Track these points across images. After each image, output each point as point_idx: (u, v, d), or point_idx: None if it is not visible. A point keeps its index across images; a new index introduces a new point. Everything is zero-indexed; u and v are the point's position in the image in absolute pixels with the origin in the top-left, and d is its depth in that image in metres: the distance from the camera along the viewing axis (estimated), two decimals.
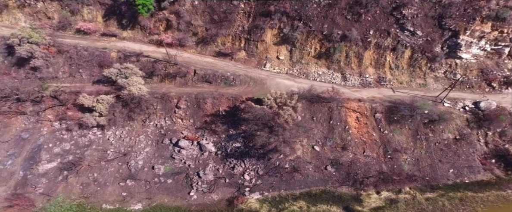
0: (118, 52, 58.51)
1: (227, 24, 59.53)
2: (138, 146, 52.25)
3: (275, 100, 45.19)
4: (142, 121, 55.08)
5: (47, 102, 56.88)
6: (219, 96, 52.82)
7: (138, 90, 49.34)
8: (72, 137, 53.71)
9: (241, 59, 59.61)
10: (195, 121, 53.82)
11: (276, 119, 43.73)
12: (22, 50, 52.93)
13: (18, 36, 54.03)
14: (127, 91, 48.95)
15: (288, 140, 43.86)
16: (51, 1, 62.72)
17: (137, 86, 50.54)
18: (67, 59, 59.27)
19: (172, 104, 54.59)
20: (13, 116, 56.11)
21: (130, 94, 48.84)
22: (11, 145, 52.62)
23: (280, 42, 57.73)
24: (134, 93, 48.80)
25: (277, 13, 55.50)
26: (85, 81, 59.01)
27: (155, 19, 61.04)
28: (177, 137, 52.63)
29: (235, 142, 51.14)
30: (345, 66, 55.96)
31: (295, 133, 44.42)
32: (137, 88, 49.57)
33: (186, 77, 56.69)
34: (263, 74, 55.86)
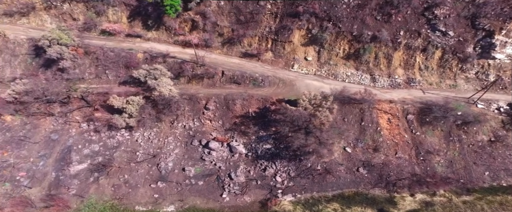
0: (145, 53, 58.45)
1: (254, 25, 59.29)
2: (167, 148, 52.13)
3: (309, 102, 44.88)
4: (170, 123, 54.98)
5: (74, 103, 56.90)
6: (248, 97, 52.57)
7: (168, 91, 49.21)
8: (101, 139, 53.71)
9: (268, 60, 59.32)
10: (224, 122, 53.64)
11: (312, 120, 43.52)
12: (52, 51, 52.95)
13: (48, 37, 54.10)
14: (157, 92, 48.83)
15: (325, 142, 43.60)
16: (77, 3, 62.79)
17: (167, 87, 50.42)
18: (93, 60, 59.27)
19: (200, 105, 54.45)
20: (42, 117, 56.18)
21: (160, 95, 48.71)
22: (41, 146, 52.73)
23: (308, 43, 57.42)
24: (165, 95, 48.66)
25: (306, 14, 55.15)
26: (111, 82, 59.02)
27: (181, 20, 60.93)
28: (207, 138, 52.49)
29: (266, 144, 50.85)
30: (374, 67, 55.54)
31: (331, 135, 44.10)
32: (167, 89, 49.44)
33: (214, 78, 56.51)
34: (292, 75, 55.58)
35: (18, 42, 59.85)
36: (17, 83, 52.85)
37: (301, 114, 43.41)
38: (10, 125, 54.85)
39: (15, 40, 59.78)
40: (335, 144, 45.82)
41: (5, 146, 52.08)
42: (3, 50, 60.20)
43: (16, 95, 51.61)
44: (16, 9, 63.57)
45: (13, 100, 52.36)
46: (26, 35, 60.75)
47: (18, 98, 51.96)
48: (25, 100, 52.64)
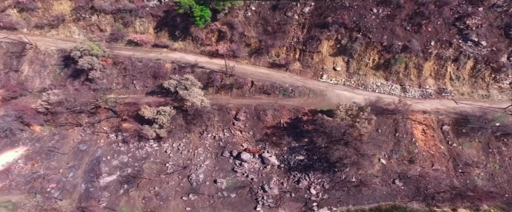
0: (173, 63, 58.64)
1: (281, 35, 59.53)
2: (197, 159, 51.34)
3: (346, 112, 44.38)
4: (199, 133, 54.38)
5: (102, 113, 56.77)
6: (280, 107, 52.09)
7: (200, 102, 48.96)
8: (129, 150, 53.11)
9: (296, 70, 59.16)
10: (255, 133, 52.95)
11: (351, 131, 42.82)
12: (83, 62, 53.33)
13: (80, 48, 54.69)
14: (190, 103, 48.52)
15: (366, 154, 42.74)
16: (105, 14, 63.72)
17: (198, 98, 50.19)
18: (121, 70, 59.53)
19: (230, 115, 54.00)
20: (70, 127, 55.99)
21: (193, 106, 48.45)
22: (70, 157, 52.18)
23: (336, 53, 57.33)
24: (197, 105, 48.39)
25: (335, 25, 55.32)
26: (139, 92, 58.95)
27: (207, 30, 61.39)
28: (237, 149, 51.74)
29: (298, 155, 49.99)
30: (404, 77, 55.07)
31: (371, 146, 43.29)
32: (199, 100, 49.14)
33: (243, 88, 56.29)
34: (321, 85, 55.23)
35: (49, 53, 60.57)
36: (48, 93, 53.14)
37: (339, 125, 42.84)
38: (39, 135, 54.65)
39: (45, 51, 60.59)
40: (376, 156, 44.93)
41: (35, 157, 51.73)
42: (34, 61, 60.86)
43: (48, 106, 51.82)
44: (47, 21, 64.83)
45: (45, 110, 52.69)
46: (56, 46, 61.55)
47: (50, 108, 52.16)
48: (57, 111, 52.74)
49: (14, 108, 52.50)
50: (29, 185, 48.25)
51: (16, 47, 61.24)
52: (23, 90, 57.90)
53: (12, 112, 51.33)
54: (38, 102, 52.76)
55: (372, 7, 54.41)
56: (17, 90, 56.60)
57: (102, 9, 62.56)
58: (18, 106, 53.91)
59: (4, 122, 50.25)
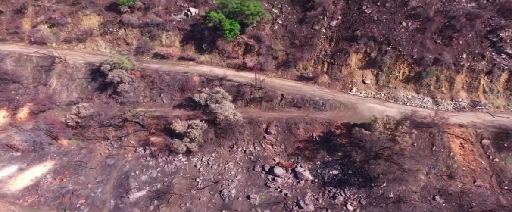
0: (200, 76, 58.69)
1: (309, 48, 59.70)
2: (229, 174, 50.13)
3: (384, 126, 43.52)
4: (229, 147, 53.39)
5: (129, 127, 56.17)
6: (312, 121, 51.29)
7: (233, 115, 48.46)
8: (158, 164, 52.11)
9: (325, 83, 58.78)
10: (286, 147, 51.92)
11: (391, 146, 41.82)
12: (113, 75, 53.55)
13: (110, 62, 55.12)
14: (222, 116, 48.02)
15: (409, 169, 41.47)
16: (132, 28, 64.68)
17: (230, 111, 49.73)
18: (148, 83, 59.53)
19: (260, 129, 53.14)
20: (97, 141, 55.43)
21: (226, 119, 47.94)
22: (98, 172, 51.25)
23: (365, 66, 57.06)
24: (230, 119, 47.88)
25: (364, 38, 55.46)
26: (166, 105, 58.66)
27: (234, 43, 61.78)
28: (269, 164, 50.52)
29: (332, 169, 48.66)
30: (435, 90, 54.36)
31: (413, 162, 41.98)
32: (232, 113, 48.69)
33: (273, 102, 55.74)
34: (352, 99, 54.63)
35: (77, 67, 61.02)
36: (78, 106, 53.00)
37: (378, 139, 41.85)
38: (67, 149, 53.97)
39: (74, 64, 61.11)
40: (422, 171, 43.62)
41: (63, 171, 50.79)
42: (62, 75, 61.28)
43: (79, 119, 51.56)
44: (75, 36, 65.90)
45: (75, 124, 52.39)
46: (84, 59, 62.18)
47: (80, 122, 51.87)
48: (87, 124, 52.49)
49: (44, 121, 52.49)
50: (58, 201, 47.03)
51: (46, 61, 61.96)
52: (51, 104, 57.96)
53: (43, 125, 51.26)
54: (68, 116, 52.69)
55: (401, 21, 54.68)
56: (46, 104, 56.66)
57: (130, 23, 63.61)
58: (48, 119, 53.88)
59: (35, 136, 50.00)
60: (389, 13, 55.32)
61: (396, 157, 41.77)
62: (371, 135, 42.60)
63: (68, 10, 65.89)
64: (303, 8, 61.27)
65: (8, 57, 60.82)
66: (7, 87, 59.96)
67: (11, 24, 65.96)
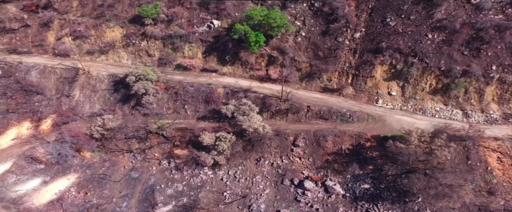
0: (225, 88, 58.52)
1: (333, 60, 59.51)
2: (257, 188, 48.91)
3: (419, 139, 42.58)
4: (256, 160, 52.37)
5: (153, 139, 55.59)
6: (340, 133, 50.44)
7: (262, 128, 47.79)
8: (184, 177, 51.09)
9: (350, 95, 58.23)
10: (315, 160, 50.86)
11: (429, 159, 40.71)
12: (139, 87, 53.43)
13: (135, 73, 55.17)
14: (252, 129, 47.34)
15: (452, 185, 40.16)
16: (154, 40, 65.21)
17: (258, 123, 49.09)
18: (171, 95, 59.31)
19: (288, 142, 52.25)
20: (120, 154, 54.78)
21: (256, 132, 47.24)
22: (123, 185, 50.24)
23: (391, 78, 56.55)
24: (259, 131, 47.18)
25: (389, 50, 55.31)
26: (190, 117, 58.19)
27: (257, 55, 61.77)
28: (298, 177, 49.35)
29: (363, 183, 47.35)
30: (464, 102, 53.60)
31: (452, 176, 40.71)
32: (261, 126, 48.04)
33: (299, 114, 55.11)
34: (378, 110, 53.90)
35: (100, 78, 61.11)
36: (103, 118, 52.65)
37: (415, 152, 40.77)
38: (90, 162, 53.23)
39: (97, 76, 61.22)
40: (464, 186, 42.28)
41: (87, 185, 49.87)
42: (85, 86, 61.31)
43: (104, 131, 51.11)
44: (98, 47, 66.44)
45: (100, 136, 51.89)
46: (106, 71, 62.44)
47: (106, 134, 51.38)
48: (114, 136, 52.03)
49: (69, 133, 52.03)
50: None
51: (69, 73, 62.19)
52: (75, 115, 57.82)
53: (68, 137, 50.78)
54: (93, 128, 52.36)
55: (426, 33, 54.59)
56: (70, 115, 56.44)
57: (153, 35, 64.07)
58: (72, 131, 53.42)
59: (61, 148, 49.47)
60: (414, 25, 55.45)
61: (437, 171, 40.52)
62: (406, 148, 41.65)
63: (92, 23, 66.79)
64: (325, 20, 61.71)
65: (34, 69, 61.19)
66: (31, 99, 60.03)
67: (37, 37, 66.77)
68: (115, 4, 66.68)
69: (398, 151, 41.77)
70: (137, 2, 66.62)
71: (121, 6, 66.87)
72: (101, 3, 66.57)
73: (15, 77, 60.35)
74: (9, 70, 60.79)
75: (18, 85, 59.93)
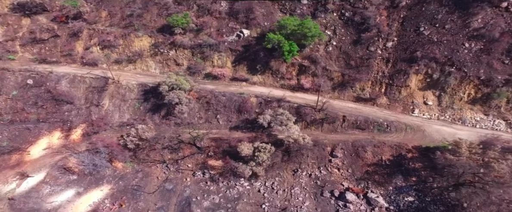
0: (257, 97, 57.93)
1: (365, 69, 58.85)
2: (296, 200, 47.56)
3: (470, 151, 41.41)
4: (292, 171, 51.27)
5: (185, 149, 54.76)
6: (379, 144, 49.35)
7: (302, 138, 46.92)
8: (219, 189, 49.93)
9: (384, 104, 57.32)
10: (354, 171, 49.66)
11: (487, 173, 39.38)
12: (173, 96, 52.92)
13: (168, 83, 54.81)
14: (292, 140, 46.53)
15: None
16: (183, 49, 65.23)
17: (296, 134, 48.24)
18: (203, 104, 58.83)
19: (325, 152, 51.19)
20: (152, 164, 53.88)
21: (296, 142, 46.37)
22: (157, 197, 49.05)
23: (426, 87, 55.73)
24: (299, 142, 46.30)
25: (424, 59, 54.68)
26: (222, 127, 57.41)
27: (288, 64, 61.37)
28: (338, 189, 48.04)
29: (407, 196, 45.84)
30: (506, 111, 52.35)
31: None
32: (301, 136, 47.15)
33: (335, 123, 54.17)
34: (416, 120, 52.89)
35: (129, 87, 60.78)
36: (137, 128, 51.93)
37: (469, 165, 39.46)
38: (122, 173, 52.29)
39: (126, 85, 60.93)
40: None
41: (121, 196, 48.70)
42: (114, 96, 60.96)
43: (139, 142, 50.40)
44: (126, 57, 66.43)
45: (134, 146, 51.12)
46: (136, 80, 62.21)
47: (141, 144, 50.62)
48: (151, 147, 51.24)
49: (102, 143, 51.37)
50: None
51: (98, 82, 61.92)
52: (105, 125, 57.29)
53: (102, 147, 50.09)
54: (127, 138, 51.65)
55: (463, 42, 53.98)
56: (100, 125, 55.99)
57: (182, 44, 64.02)
58: (105, 141, 52.76)
59: (97, 158, 48.72)
60: (449, 34, 54.99)
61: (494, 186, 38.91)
62: (457, 160, 40.39)
63: (121, 33, 66.94)
64: (356, 29, 61.51)
65: (64, 78, 60.95)
66: (61, 108, 59.56)
67: (66, 47, 66.96)
68: (143, 14, 67.13)
69: (447, 163, 40.54)
70: (165, 12, 67.21)
71: (149, 15, 67.40)
72: (130, 13, 67.04)
73: (46, 86, 60.29)
74: (40, 79, 60.77)
75: (48, 95, 59.84)
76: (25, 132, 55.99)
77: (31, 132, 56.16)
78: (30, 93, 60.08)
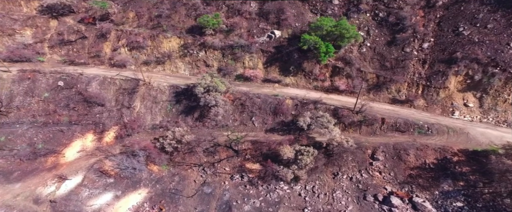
0: (293, 99, 57.14)
1: (401, 71, 57.70)
2: (339, 204, 46.61)
3: None
4: (333, 174, 50.50)
5: (222, 152, 53.97)
6: (422, 147, 48.24)
7: (345, 140, 46.02)
8: (259, 193, 49.04)
9: (421, 106, 56.16)
10: (396, 174, 48.60)
11: None
12: (210, 98, 52.17)
13: (204, 85, 54.09)
14: (336, 142, 45.66)
15: None
16: (213, 50, 64.54)
17: (338, 136, 47.35)
18: (237, 106, 58.06)
19: (365, 155, 50.28)
20: (188, 167, 53.18)
21: (340, 145, 45.52)
22: (196, 201, 48.28)
23: (466, 89, 54.51)
24: (343, 144, 45.38)
25: (465, 60, 53.60)
26: (257, 129, 56.50)
27: (321, 65, 60.65)
28: (382, 193, 47.01)
29: (455, 201, 44.65)
30: None
31: None
32: (344, 139, 46.23)
33: (373, 126, 53.26)
34: (458, 123, 51.75)
35: (161, 89, 60.08)
36: (173, 131, 51.19)
37: None
38: (158, 176, 51.57)
39: (158, 87, 60.25)
40: None
41: (159, 200, 47.99)
42: (146, 97, 60.29)
43: (178, 145, 49.74)
44: (155, 58, 65.77)
45: (172, 150, 50.48)
46: (166, 82, 61.51)
47: (180, 148, 49.95)
48: (190, 150, 50.51)
49: (139, 146, 50.79)
50: None
51: (129, 84, 61.20)
52: (138, 127, 56.78)
53: (140, 151, 49.41)
54: (165, 141, 50.87)
55: (508, 42, 52.75)
56: (134, 127, 55.38)
57: (212, 45, 63.34)
58: (140, 144, 52.18)
59: (137, 161, 48.02)
60: (492, 34, 53.74)
61: None
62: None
63: (149, 34, 66.24)
64: (391, 30, 60.39)
65: (94, 80, 60.47)
66: (92, 110, 58.95)
67: (93, 48, 66.47)
68: (171, 15, 66.42)
69: (504, 168, 39.50)
70: (194, 13, 66.50)
71: (177, 16, 66.75)
72: (158, 13, 66.32)
73: (77, 88, 59.73)
74: (71, 81, 60.28)
75: (80, 97, 59.32)
76: (59, 134, 55.70)
77: (64, 134, 55.76)
78: (61, 95, 59.78)
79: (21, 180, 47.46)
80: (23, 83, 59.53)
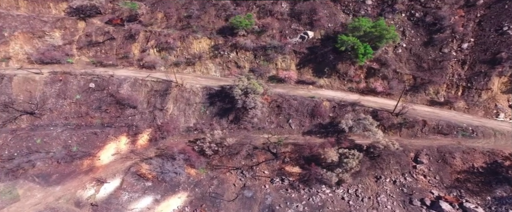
0: (330, 101, 56.18)
1: (439, 72, 56.48)
2: (384, 208, 45.46)
3: None
4: (375, 178, 49.44)
5: (260, 155, 52.97)
6: (469, 150, 47.13)
7: (391, 143, 45.00)
8: (301, 197, 48.03)
9: (462, 108, 54.97)
10: (442, 178, 47.44)
11: None
12: (249, 100, 51.24)
13: (241, 87, 53.18)
14: (381, 145, 44.64)
15: None
16: (245, 51, 63.64)
17: (381, 139, 46.36)
18: (274, 108, 57.02)
19: (408, 158, 49.16)
20: (226, 171, 52.32)
21: (386, 148, 44.54)
22: (238, 205, 47.30)
23: (511, 90, 53.91)
24: (390, 147, 44.29)
25: (510, 60, 52.68)
26: (294, 132, 55.41)
27: (356, 67, 59.64)
28: (428, 197, 45.93)
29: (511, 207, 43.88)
30: None
31: None
32: (390, 142, 45.24)
33: (414, 128, 52.16)
34: (504, 125, 50.28)
35: (193, 91, 59.23)
36: (212, 134, 50.28)
37: None
38: (196, 179, 50.74)
39: (190, 89, 59.50)
40: None
41: (200, 204, 47.12)
42: (178, 99, 59.47)
43: (219, 148, 48.89)
44: (184, 59, 64.96)
45: (212, 153, 49.62)
46: (199, 83, 60.60)
47: (220, 151, 49.10)
48: (233, 153, 49.73)
49: (177, 150, 49.94)
50: None
51: (160, 85, 60.42)
52: (173, 130, 56.04)
53: (179, 154, 48.55)
54: (205, 144, 50.05)
55: None
56: (169, 130, 54.59)
57: (244, 46, 62.31)
58: (177, 147, 51.34)
59: (177, 165, 47.13)
60: None
61: None
62: None
63: (178, 35, 65.47)
64: (427, 30, 59.20)
65: (125, 81, 59.74)
66: (124, 112, 58.24)
67: (122, 50, 65.73)
68: (201, 16, 65.61)
69: None
70: (224, 13, 65.65)
71: (207, 17, 65.90)
72: (188, 14, 65.62)
73: (108, 90, 59.10)
74: (102, 83, 59.59)
75: (111, 99, 58.64)
76: (93, 137, 54.98)
77: (98, 137, 55.07)
78: (93, 97, 59.10)
79: (60, 183, 46.87)
80: (55, 85, 58.97)
